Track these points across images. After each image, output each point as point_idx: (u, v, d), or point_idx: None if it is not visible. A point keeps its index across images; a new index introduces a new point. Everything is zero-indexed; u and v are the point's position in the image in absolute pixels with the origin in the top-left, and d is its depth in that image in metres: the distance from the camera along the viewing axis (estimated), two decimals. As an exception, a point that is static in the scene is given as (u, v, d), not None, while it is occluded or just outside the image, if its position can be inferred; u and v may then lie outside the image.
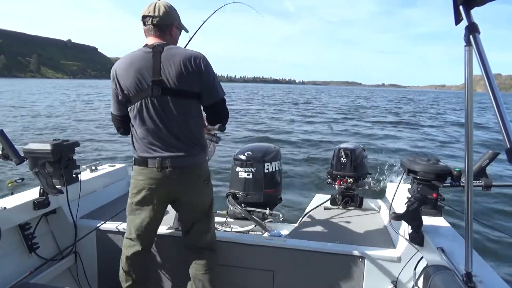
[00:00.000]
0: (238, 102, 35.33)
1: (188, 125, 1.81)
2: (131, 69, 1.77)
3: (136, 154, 1.86)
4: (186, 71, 1.75)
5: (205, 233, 2.00)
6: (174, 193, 1.87)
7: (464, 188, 1.29)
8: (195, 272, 1.97)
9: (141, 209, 1.88)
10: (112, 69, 1.85)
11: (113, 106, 1.90)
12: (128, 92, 1.79)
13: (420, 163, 2.06)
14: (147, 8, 1.81)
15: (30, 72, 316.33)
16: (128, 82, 1.77)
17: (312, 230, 2.37)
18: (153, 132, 1.79)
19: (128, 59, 1.80)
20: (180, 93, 1.76)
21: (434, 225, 1.94)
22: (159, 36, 1.83)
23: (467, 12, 1.07)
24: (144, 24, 1.83)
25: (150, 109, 1.77)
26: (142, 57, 1.77)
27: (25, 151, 2.12)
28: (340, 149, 2.80)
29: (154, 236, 2.03)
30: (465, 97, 1.22)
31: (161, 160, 1.78)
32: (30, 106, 22.70)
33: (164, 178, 1.79)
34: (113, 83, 1.83)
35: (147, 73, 1.75)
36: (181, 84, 1.75)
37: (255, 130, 15.03)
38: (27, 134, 12.02)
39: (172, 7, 1.85)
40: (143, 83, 1.76)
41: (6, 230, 1.91)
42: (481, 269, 1.48)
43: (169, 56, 1.75)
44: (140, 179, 1.84)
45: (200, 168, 1.89)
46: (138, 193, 1.86)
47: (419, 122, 20.97)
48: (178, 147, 1.80)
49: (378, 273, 2.00)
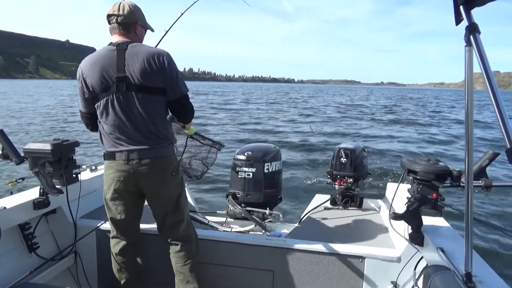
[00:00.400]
0: (238, 101, 35.33)
1: (153, 119, 1.86)
2: (96, 67, 1.82)
3: (104, 149, 1.92)
4: (150, 67, 1.80)
5: (178, 225, 2.03)
6: (142, 185, 1.91)
7: (464, 188, 1.30)
8: (175, 265, 2.03)
9: (115, 204, 1.95)
10: (78, 68, 1.89)
11: (81, 104, 1.95)
12: (93, 90, 1.84)
13: (420, 163, 2.06)
14: (112, 8, 1.88)
15: (28, 73, 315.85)
16: (93, 79, 1.82)
17: (312, 230, 2.37)
18: (119, 127, 1.85)
19: (92, 58, 1.86)
20: (144, 89, 1.82)
21: (434, 225, 1.94)
22: (123, 35, 1.88)
23: (467, 12, 1.07)
24: (109, 22, 1.89)
25: (116, 105, 1.82)
26: (106, 55, 1.83)
27: (25, 151, 2.12)
28: (340, 149, 2.80)
29: (137, 230, 2.10)
30: (465, 97, 1.22)
31: (127, 152, 1.84)
32: (30, 106, 22.71)
33: (131, 170, 1.85)
34: (79, 82, 1.88)
35: (112, 70, 1.80)
36: (145, 80, 1.81)
37: (255, 130, 15.04)
38: (26, 134, 12.03)
39: (136, 6, 1.91)
40: (108, 80, 1.81)
41: (6, 230, 1.91)
42: (481, 269, 1.48)
43: (133, 53, 1.81)
44: (109, 173, 1.91)
45: (166, 161, 1.93)
46: (109, 188, 1.93)
47: (419, 121, 20.97)
48: (143, 141, 1.86)
49: (378, 273, 2.00)
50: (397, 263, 1.97)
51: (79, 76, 1.87)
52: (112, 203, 1.96)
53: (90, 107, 1.92)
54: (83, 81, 1.85)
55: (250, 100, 39.79)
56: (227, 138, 12.40)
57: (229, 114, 21.72)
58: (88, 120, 1.99)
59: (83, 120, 2.01)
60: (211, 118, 18.77)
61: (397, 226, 2.11)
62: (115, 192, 1.92)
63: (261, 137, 13.08)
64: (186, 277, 2.00)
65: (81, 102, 1.94)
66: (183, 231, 2.05)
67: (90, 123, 1.99)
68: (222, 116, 20.31)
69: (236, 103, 32.69)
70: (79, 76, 1.87)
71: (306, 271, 2.10)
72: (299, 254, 2.10)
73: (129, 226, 2.03)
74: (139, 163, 1.84)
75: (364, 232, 2.34)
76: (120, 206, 1.95)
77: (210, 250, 2.23)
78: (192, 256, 2.05)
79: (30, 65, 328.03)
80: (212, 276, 2.22)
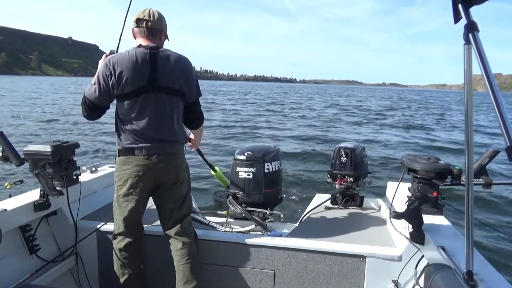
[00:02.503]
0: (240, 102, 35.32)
1: (174, 119, 2.01)
2: (130, 67, 1.89)
3: (121, 145, 1.97)
4: (178, 72, 1.99)
5: (182, 221, 2.09)
6: (159, 178, 2.00)
7: (465, 186, 1.30)
8: (177, 263, 2.05)
9: (128, 200, 1.99)
10: (108, 63, 1.91)
11: (96, 96, 1.93)
12: (124, 87, 1.90)
13: (420, 161, 2.06)
14: (141, 12, 1.98)
15: (31, 69, 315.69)
16: (127, 78, 1.89)
17: (313, 229, 2.37)
18: (146, 125, 1.94)
19: (127, 57, 1.92)
20: (172, 91, 1.98)
21: (434, 223, 1.94)
22: (150, 39, 1.99)
23: (466, 11, 1.07)
24: (137, 26, 1.99)
25: (144, 104, 1.93)
26: (140, 56, 1.92)
27: (25, 153, 2.12)
28: (340, 148, 2.80)
29: (142, 226, 2.15)
30: (464, 96, 1.22)
31: (147, 148, 1.94)
32: (31, 106, 22.70)
33: (150, 164, 1.94)
34: (108, 77, 1.90)
35: (145, 72, 1.91)
36: (173, 83, 1.97)
37: (255, 129, 15.04)
38: (27, 134, 12.02)
39: (163, 16, 2.04)
40: (141, 80, 1.91)
41: (7, 232, 1.91)
42: (482, 267, 1.48)
43: (164, 57, 1.96)
44: (126, 168, 1.96)
45: (180, 158, 2.09)
46: (125, 183, 1.97)
47: (420, 121, 20.96)
48: (164, 138, 1.98)
49: (379, 272, 2.00)
50: (398, 262, 1.97)
51: (110, 72, 1.89)
52: (124, 199, 1.99)
53: (107, 101, 1.97)
54: (114, 77, 1.89)
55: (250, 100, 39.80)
56: (227, 137, 12.42)
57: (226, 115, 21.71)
58: (93, 112, 1.99)
59: (86, 108, 1.98)
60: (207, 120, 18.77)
61: (398, 225, 2.11)
62: (131, 187, 1.96)
63: (261, 137, 13.10)
64: (186, 276, 2.01)
65: (98, 94, 1.93)
66: (186, 227, 2.10)
67: (93, 114, 2.00)
68: (219, 117, 20.32)
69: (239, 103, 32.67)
70: (110, 72, 1.89)
71: (307, 270, 2.10)
72: (300, 254, 2.10)
73: (136, 223, 2.08)
74: (158, 158, 1.95)
75: (364, 231, 2.34)
76: (131, 203, 1.99)
77: (211, 251, 2.23)
78: (193, 255, 2.06)
79: (33, 61, 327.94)
80: (213, 277, 2.22)
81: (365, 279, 2.03)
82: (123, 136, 1.97)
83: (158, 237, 2.15)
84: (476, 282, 1.38)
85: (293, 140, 12.45)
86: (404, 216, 1.82)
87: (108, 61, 1.91)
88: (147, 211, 2.16)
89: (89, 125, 13.97)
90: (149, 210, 2.16)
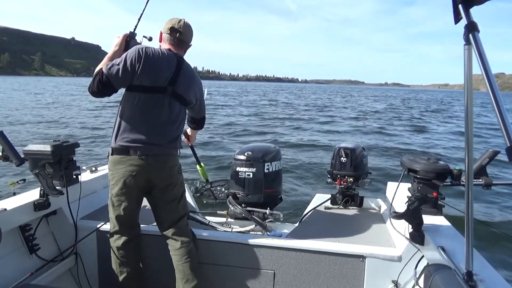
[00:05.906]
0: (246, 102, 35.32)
1: (177, 125, 2.06)
2: (159, 62, 1.94)
3: (117, 143, 1.95)
4: (195, 86, 2.11)
5: (178, 222, 2.10)
6: (153, 179, 2.00)
7: (465, 187, 1.30)
8: (176, 263, 2.05)
9: (121, 200, 1.99)
10: (141, 50, 1.91)
11: (116, 77, 1.88)
12: (145, 79, 1.92)
13: (420, 162, 2.06)
14: (177, 23, 2.06)
15: (34, 70, 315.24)
16: (151, 71, 1.92)
17: (313, 229, 2.37)
18: (147, 125, 1.95)
19: (159, 53, 1.97)
20: (184, 101, 2.06)
21: (434, 224, 1.94)
22: (176, 49, 2.08)
23: (466, 11, 1.07)
24: (169, 34, 2.06)
25: (155, 104, 1.95)
26: (169, 58, 1.99)
27: (25, 153, 2.12)
28: (340, 149, 2.80)
29: (138, 225, 2.16)
30: (464, 96, 1.22)
31: (142, 149, 1.93)
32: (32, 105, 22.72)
33: (144, 164, 1.94)
34: (136, 63, 1.88)
35: (168, 74, 1.97)
36: (186, 93, 2.05)
37: (255, 129, 15.04)
38: (27, 134, 12.03)
39: (192, 30, 2.15)
40: (161, 80, 1.95)
41: (7, 232, 1.91)
42: (482, 268, 1.48)
43: (186, 68, 2.06)
44: (119, 168, 1.95)
45: (174, 159, 2.11)
46: (117, 183, 1.96)
47: (421, 121, 20.96)
48: (161, 142, 1.99)
49: (379, 272, 2.00)
50: (398, 262, 1.97)
51: (141, 59, 1.88)
52: (117, 199, 1.99)
53: (122, 85, 1.93)
54: (141, 66, 1.88)
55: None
56: (227, 137, 12.42)
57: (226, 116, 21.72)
58: (103, 90, 1.90)
59: (98, 85, 1.89)
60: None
61: (398, 225, 2.11)
62: (124, 187, 1.95)
63: (261, 137, 13.10)
64: (186, 275, 2.02)
65: (119, 75, 1.87)
66: (183, 228, 2.11)
67: (102, 92, 1.91)
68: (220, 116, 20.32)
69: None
70: (140, 59, 1.88)
71: (307, 270, 2.10)
72: (300, 254, 2.10)
73: (131, 221, 2.09)
74: (152, 159, 1.96)
75: (364, 231, 2.34)
76: (124, 202, 1.99)
77: (211, 250, 2.23)
78: (192, 254, 2.06)
79: (36, 62, 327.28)
80: (213, 277, 2.22)
81: (365, 279, 2.03)
82: (119, 134, 1.95)
83: (158, 237, 2.16)
84: (476, 283, 1.38)
85: (293, 140, 12.45)
86: (404, 216, 1.82)
87: (142, 49, 1.92)
88: (147, 211, 2.16)
89: (89, 125, 14.00)
90: (149, 210, 2.16)
